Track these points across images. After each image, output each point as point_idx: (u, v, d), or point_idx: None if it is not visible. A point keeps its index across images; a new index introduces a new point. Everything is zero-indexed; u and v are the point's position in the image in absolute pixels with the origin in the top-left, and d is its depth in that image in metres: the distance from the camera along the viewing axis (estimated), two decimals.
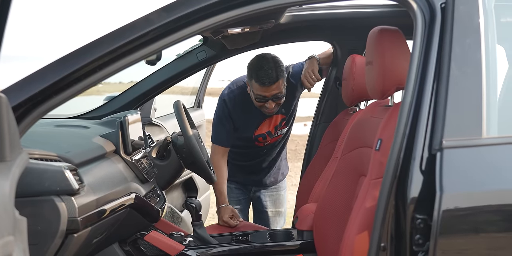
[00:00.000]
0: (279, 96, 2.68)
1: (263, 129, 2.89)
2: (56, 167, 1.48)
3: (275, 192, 3.19)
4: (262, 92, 2.64)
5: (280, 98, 2.69)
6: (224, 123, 2.84)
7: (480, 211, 1.37)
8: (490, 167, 1.40)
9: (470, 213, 1.37)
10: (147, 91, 2.82)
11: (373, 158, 1.69)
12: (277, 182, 3.19)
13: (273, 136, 2.92)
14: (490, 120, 1.41)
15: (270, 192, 3.17)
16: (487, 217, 1.37)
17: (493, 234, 1.38)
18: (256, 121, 2.87)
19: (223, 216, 2.75)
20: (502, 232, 1.38)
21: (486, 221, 1.37)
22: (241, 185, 3.12)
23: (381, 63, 1.71)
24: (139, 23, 1.45)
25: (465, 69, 1.44)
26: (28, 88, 1.38)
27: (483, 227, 1.37)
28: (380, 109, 1.94)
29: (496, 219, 1.37)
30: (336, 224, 1.97)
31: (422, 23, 1.53)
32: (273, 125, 2.90)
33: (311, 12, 2.63)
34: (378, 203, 1.47)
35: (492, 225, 1.38)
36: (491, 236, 1.38)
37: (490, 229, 1.38)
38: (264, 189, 3.16)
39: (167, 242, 2.18)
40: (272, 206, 3.17)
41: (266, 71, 2.60)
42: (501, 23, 1.54)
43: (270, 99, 2.66)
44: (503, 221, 1.37)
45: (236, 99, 2.84)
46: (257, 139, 2.92)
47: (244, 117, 2.83)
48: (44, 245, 1.46)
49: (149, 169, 2.15)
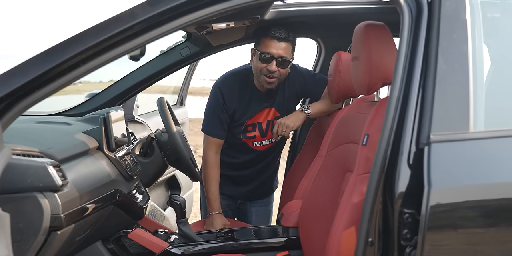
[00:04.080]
0: (285, 60, 2.58)
1: (257, 119, 2.77)
2: (39, 163, 1.45)
3: (263, 207, 3.06)
4: (270, 49, 2.56)
5: (284, 64, 2.60)
6: (218, 112, 2.71)
7: (468, 205, 1.38)
8: (478, 161, 1.40)
9: (458, 207, 1.37)
10: (129, 88, 2.79)
11: (359, 153, 1.69)
12: (265, 196, 3.06)
13: (264, 133, 2.79)
14: (477, 114, 1.41)
15: (257, 207, 3.04)
16: (475, 211, 1.37)
17: (481, 228, 1.38)
18: (251, 110, 2.75)
19: (215, 226, 2.64)
20: (490, 226, 1.38)
21: (474, 215, 1.37)
22: (227, 197, 2.97)
23: (368, 58, 1.70)
24: (123, 17, 1.43)
25: (452, 64, 1.45)
26: (9, 82, 1.35)
27: (471, 221, 1.38)
28: (365, 104, 1.93)
29: (484, 213, 1.37)
30: (322, 220, 1.97)
31: (409, 18, 1.53)
32: (265, 118, 2.78)
33: (295, 9, 2.62)
34: (366, 198, 1.46)
35: (480, 219, 1.38)
36: (479, 230, 1.38)
37: (478, 223, 1.38)
38: (251, 202, 3.03)
39: (152, 239, 2.16)
40: (258, 221, 3.02)
41: (279, 28, 2.56)
42: (488, 19, 1.54)
43: (276, 59, 2.57)
44: (490, 215, 1.37)
45: (231, 86, 2.74)
46: (247, 129, 2.78)
47: (240, 104, 2.71)
48: (27, 243, 1.43)
49: (133, 166, 2.12)
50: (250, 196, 3.00)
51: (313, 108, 2.68)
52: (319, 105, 2.70)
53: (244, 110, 2.70)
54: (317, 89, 2.77)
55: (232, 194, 2.98)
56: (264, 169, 2.94)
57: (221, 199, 2.93)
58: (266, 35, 2.57)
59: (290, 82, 2.74)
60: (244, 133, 2.79)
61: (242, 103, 2.72)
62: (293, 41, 2.61)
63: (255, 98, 2.73)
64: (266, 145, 2.83)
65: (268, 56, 2.57)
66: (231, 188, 2.94)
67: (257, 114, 2.77)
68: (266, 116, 2.78)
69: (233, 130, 2.78)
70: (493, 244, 1.38)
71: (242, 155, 2.86)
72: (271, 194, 3.10)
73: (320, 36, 3.02)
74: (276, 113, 2.78)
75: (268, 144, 2.83)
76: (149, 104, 3.57)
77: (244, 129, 2.77)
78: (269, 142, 2.83)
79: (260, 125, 2.78)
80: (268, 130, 2.78)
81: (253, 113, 2.76)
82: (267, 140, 2.82)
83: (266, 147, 2.84)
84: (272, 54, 2.56)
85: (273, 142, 2.83)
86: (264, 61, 2.59)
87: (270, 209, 3.11)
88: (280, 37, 2.55)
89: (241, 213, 3.06)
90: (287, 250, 2.22)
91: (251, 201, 3.02)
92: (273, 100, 2.76)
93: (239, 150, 2.85)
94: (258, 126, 2.78)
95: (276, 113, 2.78)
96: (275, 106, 2.77)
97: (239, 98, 2.72)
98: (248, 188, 2.96)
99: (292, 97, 2.80)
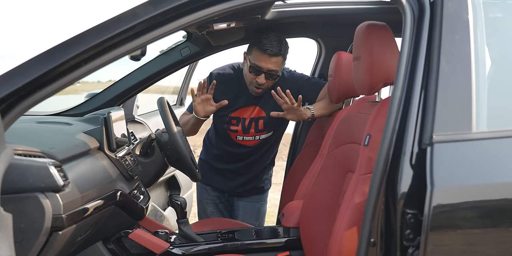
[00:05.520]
0: (274, 73, 2.59)
1: (241, 113, 2.78)
2: (40, 163, 1.45)
3: (250, 202, 3.02)
4: (260, 62, 2.56)
5: (273, 77, 2.61)
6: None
7: (471, 206, 1.37)
8: (480, 161, 1.40)
9: (461, 208, 1.36)
10: (129, 88, 2.78)
11: (361, 154, 1.68)
12: (255, 193, 3.03)
13: (246, 129, 2.77)
14: (479, 114, 1.41)
15: (243, 202, 3.02)
16: (478, 211, 1.37)
17: (484, 228, 1.38)
18: (236, 104, 2.76)
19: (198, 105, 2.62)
20: (493, 227, 1.38)
21: (477, 215, 1.37)
22: (215, 188, 3.01)
23: (369, 58, 1.70)
24: (125, 17, 1.43)
25: (454, 65, 1.44)
26: (11, 82, 1.34)
27: (474, 222, 1.38)
28: (367, 104, 1.93)
29: (487, 213, 1.37)
30: (323, 221, 1.97)
31: (411, 18, 1.53)
32: (249, 115, 2.77)
33: (296, 9, 2.62)
34: (368, 199, 1.46)
35: (483, 220, 1.38)
36: (483, 230, 1.38)
37: (481, 224, 1.38)
38: (238, 197, 3.03)
39: (152, 240, 2.15)
40: (244, 217, 2.99)
41: (271, 41, 2.53)
42: (490, 19, 1.54)
43: (264, 72, 2.58)
44: (494, 216, 1.37)
45: (225, 77, 2.75)
46: (231, 122, 2.78)
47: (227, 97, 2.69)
48: (28, 243, 1.43)
49: (133, 166, 2.12)
50: (237, 191, 3.01)
51: (315, 107, 2.69)
52: (321, 105, 2.69)
53: (230, 102, 2.72)
54: (311, 93, 2.76)
55: (219, 187, 3.01)
56: (251, 165, 2.94)
57: (211, 191, 3.01)
58: (258, 47, 2.56)
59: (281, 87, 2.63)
60: (228, 124, 2.82)
61: (229, 96, 2.72)
62: (284, 53, 2.61)
63: (243, 94, 2.75)
64: (249, 141, 2.84)
65: (258, 69, 2.58)
66: (218, 181, 2.99)
67: (241, 109, 2.78)
68: (250, 113, 2.79)
69: (218, 119, 2.83)
70: (496, 245, 1.38)
71: (228, 147, 2.89)
72: (261, 193, 3.07)
73: (320, 36, 3.02)
74: (261, 112, 2.78)
75: (251, 140, 2.84)
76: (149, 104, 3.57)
77: (228, 120, 2.80)
78: (252, 139, 2.83)
79: (244, 120, 2.79)
80: (250, 127, 2.80)
81: (238, 106, 2.78)
82: (250, 136, 2.82)
83: (253, 144, 2.85)
84: (262, 68, 2.58)
85: (257, 140, 2.83)
86: (254, 73, 2.61)
87: (259, 207, 3.07)
88: (271, 53, 2.54)
89: (230, 207, 3.08)
90: (288, 251, 2.22)
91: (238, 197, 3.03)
92: (261, 99, 2.77)
93: (225, 142, 2.89)
94: (242, 121, 2.80)
95: (262, 113, 2.78)
96: (260, 106, 2.78)
97: (228, 91, 2.74)
98: (235, 183, 2.97)
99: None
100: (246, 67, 2.65)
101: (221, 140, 2.90)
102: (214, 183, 3.00)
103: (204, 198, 3.04)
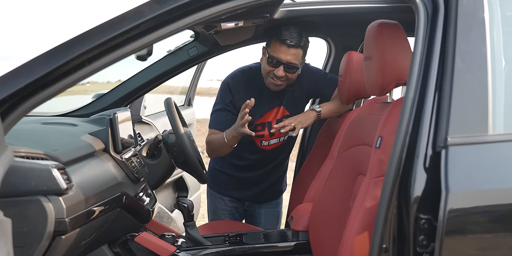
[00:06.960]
0: (293, 66, 2.52)
1: (266, 118, 2.72)
2: (43, 166, 1.41)
3: (272, 208, 3.00)
4: (279, 54, 2.49)
5: (292, 69, 2.54)
6: (226, 109, 2.65)
7: (487, 211, 1.33)
8: (497, 164, 1.36)
9: (477, 213, 1.32)
10: (137, 88, 2.75)
11: (373, 156, 1.64)
12: (274, 198, 3.00)
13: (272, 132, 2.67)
14: (496, 116, 1.37)
15: (265, 208, 2.98)
16: (494, 216, 1.33)
17: (502, 233, 1.33)
18: (260, 109, 2.68)
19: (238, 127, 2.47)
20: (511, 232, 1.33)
21: (493, 221, 1.33)
22: (235, 199, 2.94)
23: (381, 58, 1.66)
24: (129, 15, 1.39)
25: (470, 64, 1.40)
26: (13, 82, 1.31)
27: (490, 228, 1.33)
28: (378, 106, 1.89)
29: (504, 218, 1.32)
30: (333, 225, 1.92)
31: (424, 17, 1.49)
32: (274, 117, 2.72)
33: (306, 8, 2.57)
34: (380, 203, 1.42)
35: (500, 225, 1.33)
36: (500, 236, 1.33)
37: (498, 229, 1.33)
38: (259, 204, 2.97)
39: (158, 243, 2.12)
40: (266, 223, 2.97)
41: (291, 33, 2.48)
42: (507, 17, 1.49)
43: (283, 64, 2.51)
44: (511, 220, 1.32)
45: (240, 83, 2.68)
46: (256, 129, 2.69)
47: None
48: (31, 248, 1.39)
49: (140, 168, 2.09)
50: (258, 198, 2.95)
51: (324, 107, 2.63)
52: (330, 105, 2.65)
53: (253, 110, 2.64)
54: (327, 88, 2.72)
55: (239, 197, 2.93)
56: (272, 171, 2.89)
57: (228, 202, 2.89)
58: (277, 38, 2.51)
59: (299, 81, 2.68)
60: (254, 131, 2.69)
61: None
62: (304, 46, 2.54)
63: (264, 97, 2.68)
64: (274, 144, 2.77)
65: (276, 60, 2.51)
66: (238, 191, 2.90)
67: (266, 113, 2.72)
68: (275, 115, 2.73)
69: None
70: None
71: (249, 155, 2.80)
72: (279, 196, 3.05)
73: (330, 36, 2.98)
74: (285, 112, 2.73)
75: (276, 143, 2.77)
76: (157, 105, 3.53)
77: (253, 128, 2.70)
78: (277, 141, 2.77)
79: (270, 124, 2.72)
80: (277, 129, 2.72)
81: (262, 112, 2.71)
82: (275, 139, 2.76)
83: (274, 147, 2.78)
84: (280, 59, 2.51)
85: (281, 141, 2.77)
86: (272, 65, 2.54)
87: (279, 211, 3.06)
88: (291, 43, 2.48)
89: (250, 215, 3.01)
90: (297, 255, 2.18)
91: (259, 204, 2.97)
92: (283, 98, 2.71)
93: (246, 150, 2.78)
94: (267, 125, 2.73)
95: (285, 112, 2.73)
96: (284, 105, 2.72)
97: (248, 96, 2.64)
98: (255, 190, 2.90)
99: (301, 97, 2.75)
100: (264, 61, 2.59)
101: (240, 148, 2.73)
102: (234, 193, 2.90)
103: (219, 209, 2.95)
